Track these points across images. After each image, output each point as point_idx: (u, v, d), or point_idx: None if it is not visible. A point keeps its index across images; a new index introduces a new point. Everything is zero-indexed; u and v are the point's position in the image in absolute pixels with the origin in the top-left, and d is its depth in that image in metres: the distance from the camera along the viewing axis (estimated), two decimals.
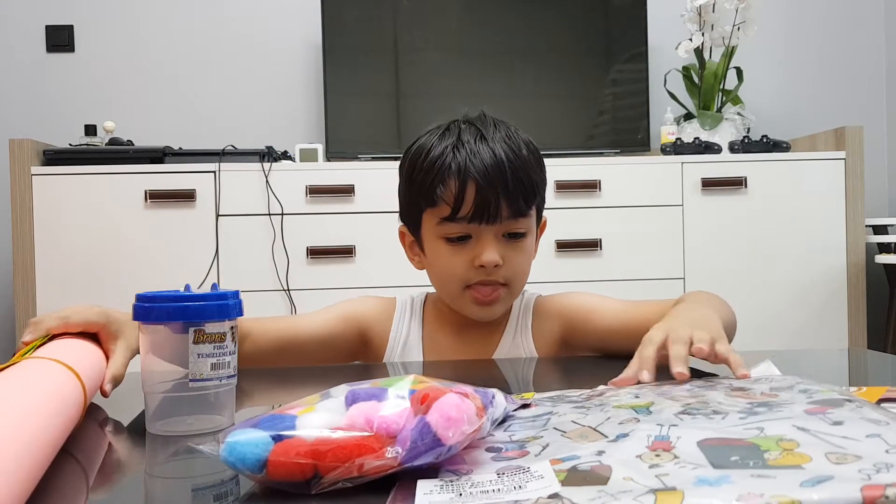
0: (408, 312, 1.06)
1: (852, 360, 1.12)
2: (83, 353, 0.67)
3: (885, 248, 2.48)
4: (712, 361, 0.70)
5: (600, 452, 0.42)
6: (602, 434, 0.47)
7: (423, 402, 0.45)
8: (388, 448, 0.42)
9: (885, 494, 0.33)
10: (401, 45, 2.63)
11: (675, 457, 0.40)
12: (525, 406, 0.60)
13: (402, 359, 1.03)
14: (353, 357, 1.06)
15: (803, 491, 0.34)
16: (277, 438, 0.43)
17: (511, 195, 0.92)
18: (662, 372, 0.68)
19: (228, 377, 0.61)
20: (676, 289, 2.30)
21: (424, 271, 1.03)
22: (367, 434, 0.43)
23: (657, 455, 0.41)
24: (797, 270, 2.33)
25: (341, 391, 0.50)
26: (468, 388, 0.50)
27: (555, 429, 0.51)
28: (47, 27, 2.70)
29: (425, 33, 2.65)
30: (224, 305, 0.61)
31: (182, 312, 0.59)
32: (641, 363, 0.69)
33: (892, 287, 2.51)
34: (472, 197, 0.91)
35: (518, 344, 1.02)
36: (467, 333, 1.03)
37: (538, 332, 1.03)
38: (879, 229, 2.47)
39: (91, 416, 0.67)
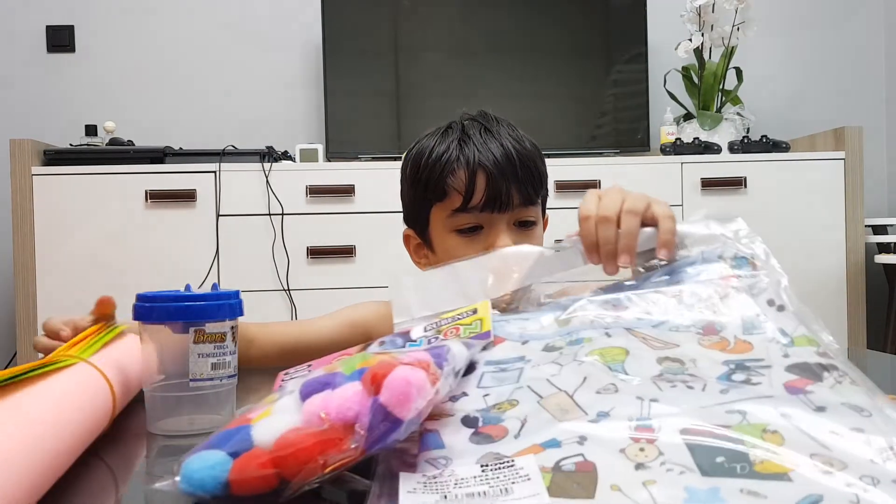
0: None
1: (852, 360, 1.12)
2: (122, 355, 0.66)
3: (884, 248, 2.48)
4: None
5: (582, 440, 0.41)
6: (581, 409, 0.45)
7: (373, 382, 0.43)
8: (349, 438, 0.40)
9: None
10: (401, 45, 2.64)
11: (660, 453, 0.39)
12: (489, 343, 0.56)
13: None
14: None
15: None
16: (234, 455, 0.41)
17: (521, 182, 0.93)
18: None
19: (229, 377, 0.62)
20: None
21: None
22: (324, 428, 0.41)
23: (641, 449, 0.40)
24: (797, 270, 2.33)
25: (296, 384, 0.47)
26: (419, 353, 0.48)
27: (529, 388, 0.48)
28: (48, 27, 2.70)
29: (425, 33, 2.65)
30: (224, 305, 0.61)
31: (183, 312, 0.59)
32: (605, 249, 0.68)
33: (892, 287, 2.52)
34: (482, 185, 0.91)
35: None
36: None
37: None
38: (879, 229, 2.47)
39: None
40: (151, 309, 0.60)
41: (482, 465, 0.41)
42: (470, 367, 0.53)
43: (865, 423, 0.41)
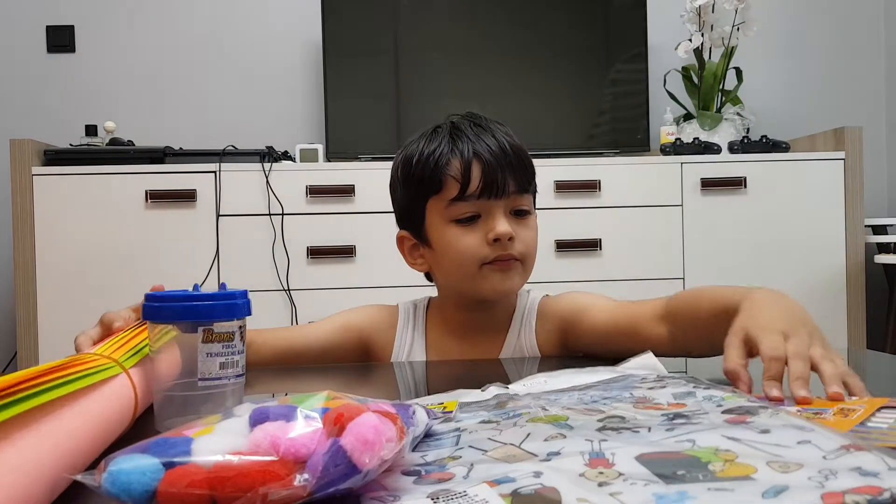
0: (411, 320, 1.06)
1: (852, 360, 1.13)
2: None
3: (884, 248, 2.49)
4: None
5: (538, 474, 0.40)
6: (530, 453, 0.44)
7: (336, 423, 0.40)
8: (297, 475, 0.37)
9: (845, 502, 0.33)
10: (401, 45, 2.64)
11: (620, 473, 0.39)
12: (448, 420, 0.56)
13: None
14: None
15: (768, 502, 0.34)
16: (169, 465, 0.37)
17: (516, 170, 0.94)
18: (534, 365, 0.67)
19: (237, 376, 0.62)
20: (676, 289, 2.29)
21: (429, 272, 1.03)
22: (272, 459, 0.38)
23: (601, 472, 0.39)
24: (796, 271, 2.33)
25: (245, 409, 0.43)
26: (386, 405, 0.46)
27: (471, 447, 0.47)
28: (48, 27, 2.70)
29: (425, 33, 2.65)
30: (233, 305, 0.61)
31: (191, 312, 0.59)
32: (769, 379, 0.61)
33: (892, 287, 2.52)
34: (478, 173, 0.93)
35: (522, 344, 1.02)
36: (472, 336, 1.03)
37: (541, 332, 1.03)
38: (879, 229, 2.48)
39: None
40: (160, 308, 0.60)
41: (432, 497, 0.39)
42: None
43: (810, 437, 0.43)
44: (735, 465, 0.39)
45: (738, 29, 2.55)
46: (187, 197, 2.22)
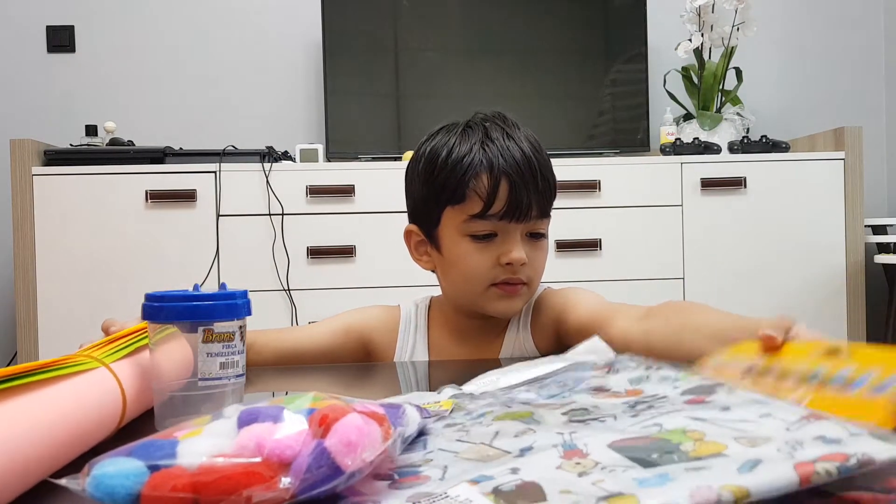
0: (413, 321, 1.05)
1: None
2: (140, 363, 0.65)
3: (884, 248, 2.49)
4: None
5: (515, 470, 0.39)
6: (503, 450, 0.44)
7: (321, 424, 0.39)
8: (281, 477, 0.37)
9: (816, 470, 0.34)
10: (401, 45, 2.64)
11: (596, 462, 0.39)
12: (442, 418, 0.55)
13: None
14: None
15: (744, 477, 0.35)
16: (154, 468, 0.37)
17: (541, 195, 0.93)
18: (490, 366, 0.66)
19: (237, 376, 0.62)
20: (676, 289, 2.31)
21: (429, 272, 1.03)
22: (256, 461, 0.37)
23: (577, 463, 0.39)
24: (796, 270, 2.33)
25: (234, 411, 0.43)
26: (374, 406, 0.45)
27: (441, 450, 0.47)
28: (48, 27, 2.70)
29: (425, 33, 2.65)
30: (233, 305, 0.61)
31: (192, 312, 0.59)
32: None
33: (892, 287, 2.52)
34: (504, 194, 0.90)
35: (520, 343, 1.02)
36: (471, 337, 1.03)
37: (536, 329, 1.03)
38: (879, 229, 2.48)
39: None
40: (160, 308, 0.60)
41: (413, 501, 0.38)
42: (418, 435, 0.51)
43: (771, 409, 0.44)
44: (705, 444, 0.39)
45: (738, 29, 2.55)
46: (187, 197, 2.22)
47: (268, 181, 2.23)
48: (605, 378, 0.60)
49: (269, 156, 2.28)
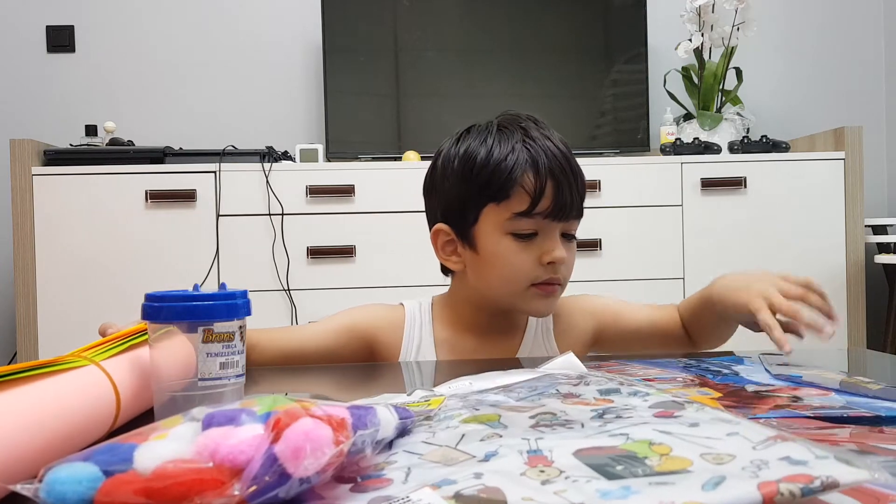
0: (418, 319, 1.04)
1: (851, 359, 1.13)
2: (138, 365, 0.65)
3: (884, 248, 2.49)
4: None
5: (478, 475, 0.39)
6: (467, 454, 0.44)
7: (274, 429, 0.39)
8: (233, 483, 0.36)
9: (780, 490, 0.34)
10: (401, 45, 2.64)
11: (561, 471, 0.39)
12: (428, 418, 0.55)
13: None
14: None
15: (708, 494, 0.35)
16: (108, 474, 0.37)
17: (580, 195, 0.94)
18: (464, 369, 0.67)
19: (237, 376, 0.61)
20: (676, 288, 2.31)
21: (428, 271, 1.03)
22: (209, 466, 0.37)
23: (542, 471, 0.39)
24: (796, 270, 2.30)
25: (202, 413, 0.42)
26: (339, 409, 0.44)
27: (405, 451, 0.47)
28: (48, 27, 2.70)
29: (425, 33, 2.65)
30: (233, 305, 0.61)
31: (191, 312, 0.59)
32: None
33: (892, 287, 2.52)
34: (550, 192, 0.90)
35: (540, 344, 1.02)
36: (488, 337, 1.01)
37: (561, 333, 1.03)
38: (879, 229, 2.48)
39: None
40: (160, 308, 0.60)
41: None
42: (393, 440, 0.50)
43: (737, 429, 0.44)
44: (671, 459, 0.40)
45: (738, 29, 2.55)
46: (187, 197, 2.22)
47: (268, 181, 2.23)
48: (576, 387, 0.61)
49: (269, 156, 2.28)
